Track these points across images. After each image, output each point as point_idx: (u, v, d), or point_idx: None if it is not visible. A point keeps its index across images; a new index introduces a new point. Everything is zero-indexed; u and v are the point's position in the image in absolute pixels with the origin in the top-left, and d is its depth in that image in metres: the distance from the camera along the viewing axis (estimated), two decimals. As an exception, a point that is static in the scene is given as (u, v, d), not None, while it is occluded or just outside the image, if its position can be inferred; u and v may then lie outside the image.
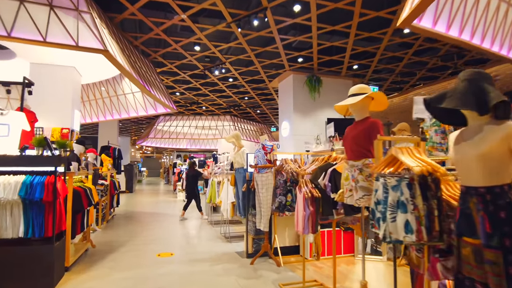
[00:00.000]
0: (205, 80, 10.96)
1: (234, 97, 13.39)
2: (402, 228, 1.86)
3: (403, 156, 1.96)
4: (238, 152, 5.34)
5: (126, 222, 8.29)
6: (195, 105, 14.98)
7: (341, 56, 8.68)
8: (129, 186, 17.65)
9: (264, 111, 16.45)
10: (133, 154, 36.94)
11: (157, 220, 8.65)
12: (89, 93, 10.55)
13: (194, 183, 8.80)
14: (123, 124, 21.02)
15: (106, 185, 7.93)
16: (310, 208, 2.88)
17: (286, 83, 10.43)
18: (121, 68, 5.77)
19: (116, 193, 8.76)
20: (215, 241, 6.25)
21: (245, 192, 5.18)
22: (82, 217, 4.82)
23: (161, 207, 11.51)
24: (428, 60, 9.15)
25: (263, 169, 4.71)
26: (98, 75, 9.16)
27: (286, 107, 10.53)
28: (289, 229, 5.19)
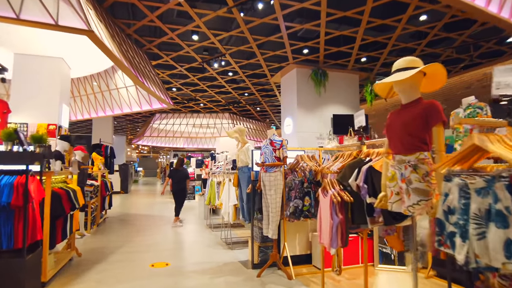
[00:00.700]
0: (203, 74, 10.36)
1: (234, 93, 12.79)
2: (499, 249, 1.28)
3: (494, 146, 1.37)
4: (242, 148, 4.74)
5: (119, 226, 7.67)
6: (192, 102, 14.38)
7: (349, 47, 8.11)
8: (124, 186, 17.00)
9: (264, 108, 15.86)
10: (129, 154, 36.23)
11: (152, 224, 8.03)
12: (80, 88, 9.91)
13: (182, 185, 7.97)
14: (118, 123, 20.37)
15: (96, 186, 7.30)
16: (339, 215, 2.29)
17: (289, 78, 9.84)
18: (109, 53, 5.15)
19: (107, 195, 8.13)
20: (215, 248, 5.64)
21: (250, 194, 4.58)
22: (64, 223, 4.20)
23: (157, 209, 10.88)
24: (442, 52, 8.60)
25: (271, 168, 4.11)
26: (88, 68, 8.53)
27: (289, 103, 9.94)
28: (299, 235, 4.60)
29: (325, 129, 9.74)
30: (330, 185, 2.40)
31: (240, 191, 4.83)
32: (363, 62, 9.37)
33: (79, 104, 10.15)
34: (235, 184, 4.81)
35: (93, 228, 7.03)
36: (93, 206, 7.02)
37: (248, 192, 4.56)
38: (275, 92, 12.61)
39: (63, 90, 7.57)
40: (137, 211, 10.22)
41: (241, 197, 4.83)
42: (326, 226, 2.39)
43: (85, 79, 9.49)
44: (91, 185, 6.80)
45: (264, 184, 4.19)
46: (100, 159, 8.41)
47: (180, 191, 7.95)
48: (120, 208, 10.87)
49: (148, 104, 9.17)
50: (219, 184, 6.96)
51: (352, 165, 2.41)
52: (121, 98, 9.39)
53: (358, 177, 2.29)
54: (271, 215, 4.09)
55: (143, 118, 18.48)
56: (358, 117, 4.42)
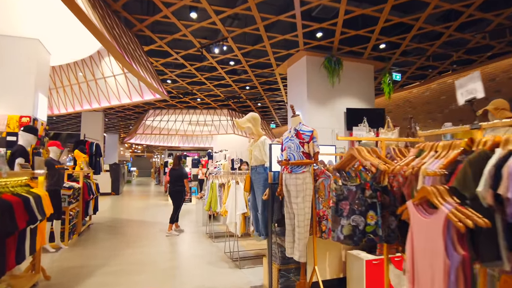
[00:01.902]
0: (202, 64, 9.30)
1: (234, 86, 11.74)
2: None
3: None
4: (257, 142, 3.71)
5: (104, 235, 6.59)
6: (189, 97, 13.30)
7: (369, 30, 7.13)
8: (115, 187, 15.88)
9: (266, 104, 14.84)
10: (122, 153, 35.01)
11: (143, 232, 6.97)
12: (63, 77, 8.80)
13: (179, 186, 6.95)
14: (110, 120, 19.23)
15: (77, 188, 6.22)
16: (459, 250, 1.28)
17: (298, 67, 8.83)
18: (89, 25, 4.08)
19: (91, 198, 7.04)
20: (219, 265, 4.60)
21: (267, 202, 3.56)
22: (20, 241, 3.13)
23: (150, 213, 9.80)
24: (471, 38, 7.64)
25: (299, 168, 3.10)
26: (70, 53, 7.42)
27: (297, 95, 8.93)
28: (330, 254, 3.59)
29: (338, 124, 8.77)
30: (439, 197, 1.39)
31: (253, 197, 3.80)
32: (381, 50, 8.39)
33: (62, 96, 9.04)
34: (247, 188, 3.77)
35: (72, 239, 5.94)
36: (72, 213, 5.94)
37: (265, 199, 3.53)
38: (279, 85, 11.60)
39: (40, 77, 6.49)
40: (128, 216, 9.14)
41: (254, 204, 3.80)
42: (430, 269, 1.37)
43: (68, 67, 8.39)
44: (70, 188, 5.72)
45: (287, 189, 3.17)
46: (84, 158, 7.33)
47: (175, 193, 6.89)
48: (108, 212, 9.78)
49: (139, 95, 8.09)
50: (221, 187, 5.94)
51: (475, 162, 1.40)
52: (108, 88, 8.30)
53: (497, 183, 1.27)
54: (297, 231, 3.07)
55: (135, 114, 17.36)
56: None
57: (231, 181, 5.03)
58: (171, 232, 6.71)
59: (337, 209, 2.17)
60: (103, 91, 8.43)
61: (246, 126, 3.74)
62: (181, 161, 7.17)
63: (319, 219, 3.20)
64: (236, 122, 3.83)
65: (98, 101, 8.59)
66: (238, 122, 3.80)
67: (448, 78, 10.73)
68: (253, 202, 3.77)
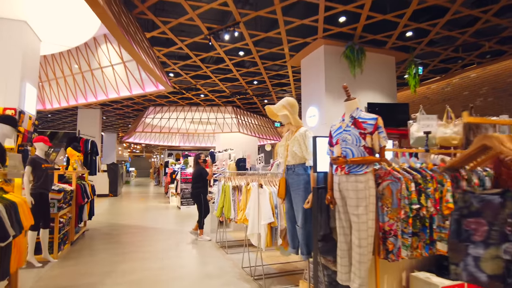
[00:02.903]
0: (208, 54, 8.51)
1: (241, 81, 10.95)
2: None
3: None
4: (295, 135, 2.92)
5: (100, 244, 5.78)
6: (192, 92, 12.50)
7: (399, 14, 6.36)
8: (113, 188, 15.07)
9: (273, 101, 14.06)
10: (121, 153, 34.15)
11: (144, 240, 6.16)
12: (56, 68, 7.98)
13: (197, 187, 6.32)
14: (108, 118, 18.40)
15: (69, 191, 5.41)
16: None
17: (315, 57, 8.06)
18: None
19: (87, 202, 6.24)
20: (238, 286, 3.81)
21: (309, 211, 2.77)
22: (-15, 266, 2.34)
23: (150, 217, 9.00)
24: (508, 25, 6.89)
25: (359, 167, 2.32)
26: (64, 39, 6.61)
27: (314, 89, 8.16)
28: (388, 278, 2.80)
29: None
30: None
31: (289, 206, 3.00)
32: (407, 38, 7.63)
33: (54, 89, 8.23)
34: (282, 194, 2.97)
35: (63, 250, 5.13)
36: (63, 220, 5.13)
37: (307, 207, 2.74)
38: (290, 80, 10.82)
39: (27, 65, 5.69)
40: (127, 221, 8.33)
41: (291, 215, 3.00)
42: None
43: (61, 56, 7.58)
44: (60, 191, 4.91)
45: (342, 196, 2.40)
46: (78, 156, 6.52)
47: (194, 196, 6.29)
48: (105, 216, 8.96)
49: (140, 87, 7.28)
50: (235, 190, 5.16)
51: None
52: (106, 80, 7.50)
53: None
54: (358, 251, 2.29)
55: (135, 112, 16.55)
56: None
57: (251, 184, 4.24)
58: (202, 236, 6.14)
59: (459, 231, 1.38)
60: (99, 83, 7.62)
61: (281, 115, 2.96)
62: (199, 159, 6.42)
63: (383, 235, 2.42)
64: (268, 109, 3.04)
65: (94, 94, 7.78)
66: (271, 109, 3.00)
67: (471, 72, 9.99)
68: (290, 212, 2.98)
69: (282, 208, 3.71)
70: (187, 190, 10.87)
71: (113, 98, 7.70)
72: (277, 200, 3.70)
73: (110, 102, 14.05)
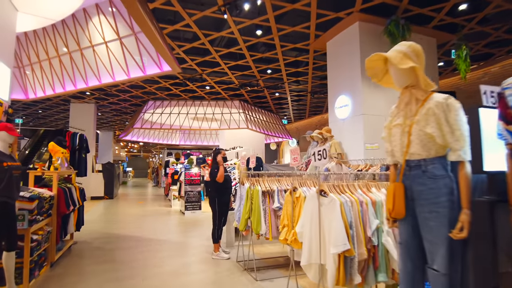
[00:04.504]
0: (219, 34, 7.25)
1: (254, 69, 9.70)
2: None
3: None
4: (429, 106, 1.66)
5: (88, 266, 4.51)
6: (196, 84, 11.23)
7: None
8: (108, 190, 13.79)
9: (284, 94, 12.82)
10: (117, 153, 32.80)
11: (144, 259, 4.89)
12: (39, 49, 6.69)
13: (212, 191, 5.06)
14: (103, 114, 17.09)
15: (48, 197, 4.13)
16: None
17: (347, 37, 6.84)
18: None
19: (73, 210, 4.96)
20: None
21: (458, 245, 1.52)
22: None
23: (151, 226, 7.72)
24: None
25: None
26: (46, 9, 5.33)
27: (345, 75, 6.93)
28: None
29: (398, 112, 6.77)
30: None
31: (408, 231, 1.74)
32: (458, 13, 6.40)
33: (38, 74, 6.93)
34: (400, 211, 1.70)
35: (37, 277, 3.85)
36: (38, 236, 3.85)
37: (458, 237, 1.49)
38: (308, 68, 9.57)
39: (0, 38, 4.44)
40: (123, 230, 7.05)
41: (412, 248, 1.73)
42: None
43: (44, 33, 6.29)
44: (33, 199, 3.63)
45: None
46: (63, 153, 5.24)
47: (210, 201, 5.00)
48: (99, 224, 7.69)
49: (140, 69, 6.00)
50: (265, 196, 3.95)
51: None
52: (98, 61, 6.22)
53: None
54: None
55: (132, 107, 15.25)
56: None
57: (301, 189, 2.99)
58: (218, 254, 4.86)
59: None
60: (91, 65, 6.35)
61: (405, 68, 1.71)
62: (217, 157, 5.12)
63: None
64: (374, 61, 1.80)
65: (84, 79, 6.50)
66: (381, 60, 1.76)
67: (518, 59, 8.80)
68: (412, 243, 1.72)
69: (359, 226, 2.46)
70: (192, 193, 9.61)
71: (107, 83, 6.40)
72: (352, 215, 2.45)
73: (105, 96, 12.75)
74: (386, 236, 2.51)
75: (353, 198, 2.54)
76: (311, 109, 16.00)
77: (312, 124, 18.76)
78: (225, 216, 5.08)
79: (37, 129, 21.80)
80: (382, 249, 2.52)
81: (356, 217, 2.47)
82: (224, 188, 5.04)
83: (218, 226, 4.96)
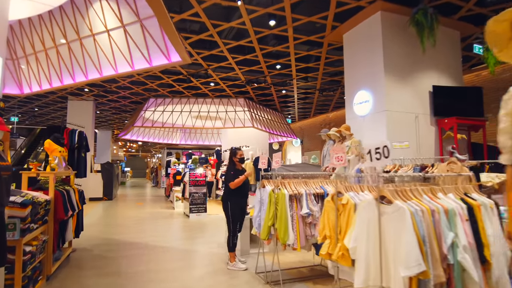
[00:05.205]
0: (229, 24, 6.76)
1: (262, 64, 9.21)
2: None
3: None
4: None
5: (89, 278, 4.00)
6: (201, 80, 10.72)
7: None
8: (107, 191, 13.27)
9: (291, 92, 12.33)
10: (116, 152, 32.19)
11: (149, 270, 4.38)
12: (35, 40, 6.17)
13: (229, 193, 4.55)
14: (102, 112, 16.54)
15: (43, 202, 3.62)
16: None
17: (367, 28, 6.38)
18: None
19: (71, 215, 4.45)
20: None
21: None
22: None
23: (154, 230, 7.21)
24: None
25: None
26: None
27: (365, 69, 6.47)
28: None
29: (422, 108, 6.32)
30: None
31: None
32: (488, 2, 5.95)
33: (34, 67, 6.41)
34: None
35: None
36: (32, 248, 3.34)
37: None
38: (319, 63, 9.10)
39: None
40: (125, 235, 6.54)
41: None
42: None
43: (40, 21, 5.77)
44: (26, 204, 3.12)
45: None
46: (60, 152, 4.73)
47: (223, 205, 4.52)
48: (98, 228, 7.17)
49: (146, 60, 5.49)
50: (292, 201, 3.48)
51: None
52: (99, 51, 5.71)
53: None
54: None
55: (133, 105, 14.72)
56: None
57: (347, 195, 2.50)
58: (234, 264, 4.35)
59: None
60: (91, 57, 5.83)
61: None
62: (234, 157, 4.60)
63: None
64: (507, 16, 1.32)
65: (84, 72, 5.98)
66: None
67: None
68: None
69: (433, 241, 1.98)
70: (197, 195, 9.10)
71: (109, 76, 5.88)
72: (424, 227, 1.97)
73: (104, 93, 12.22)
74: (463, 252, 2.03)
75: (424, 207, 2.05)
76: (317, 107, 15.53)
77: (317, 124, 18.30)
78: (240, 222, 4.58)
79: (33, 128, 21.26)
80: (458, 269, 2.04)
81: (429, 229, 1.99)
82: (238, 192, 4.52)
83: (233, 233, 4.46)
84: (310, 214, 3.48)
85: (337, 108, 15.52)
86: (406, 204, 2.06)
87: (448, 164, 3.70)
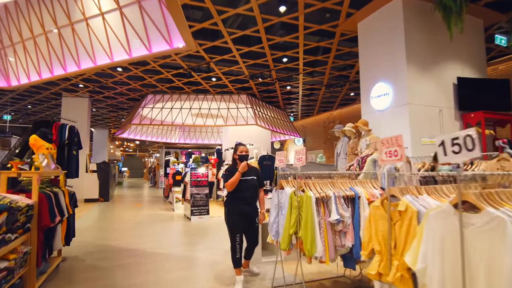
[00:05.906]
0: (235, 11, 6.22)
1: (268, 57, 8.68)
2: None
3: None
4: None
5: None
6: (202, 74, 10.17)
7: None
8: (104, 192, 12.67)
9: (296, 88, 11.81)
10: (112, 152, 31.55)
11: (148, 283, 3.83)
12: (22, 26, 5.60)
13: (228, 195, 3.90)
14: (98, 110, 15.96)
15: (24, 207, 3.06)
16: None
17: (386, 15, 5.87)
18: None
19: (60, 221, 3.89)
20: None
21: None
22: None
23: (154, 235, 6.65)
24: None
25: None
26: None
27: (384, 59, 5.96)
28: None
29: (446, 101, 5.81)
30: None
31: None
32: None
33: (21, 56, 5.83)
34: None
35: (8, 318, 2.77)
36: (9, 263, 2.78)
37: None
38: (329, 56, 8.58)
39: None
40: (122, 240, 5.98)
41: None
42: None
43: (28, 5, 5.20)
44: (1, 211, 2.56)
45: None
46: (48, 149, 4.17)
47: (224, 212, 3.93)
48: (92, 233, 6.61)
49: (145, 47, 4.94)
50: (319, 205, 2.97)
51: None
52: (93, 38, 5.15)
53: None
54: None
55: (130, 102, 14.14)
56: None
57: (405, 200, 1.97)
58: (247, 269, 3.96)
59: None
60: (84, 44, 5.27)
61: None
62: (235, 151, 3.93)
63: None
64: None
65: (76, 61, 5.43)
66: None
67: None
68: None
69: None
70: (199, 196, 8.55)
71: (104, 64, 5.31)
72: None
73: (100, 88, 11.64)
74: None
75: (524, 216, 1.52)
76: (322, 104, 15.01)
77: (320, 122, 17.79)
78: (246, 233, 3.86)
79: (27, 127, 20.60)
80: None
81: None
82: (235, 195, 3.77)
83: (233, 246, 3.65)
84: (341, 221, 2.95)
85: (342, 105, 15.02)
86: (500, 211, 1.53)
87: (498, 161, 3.18)
